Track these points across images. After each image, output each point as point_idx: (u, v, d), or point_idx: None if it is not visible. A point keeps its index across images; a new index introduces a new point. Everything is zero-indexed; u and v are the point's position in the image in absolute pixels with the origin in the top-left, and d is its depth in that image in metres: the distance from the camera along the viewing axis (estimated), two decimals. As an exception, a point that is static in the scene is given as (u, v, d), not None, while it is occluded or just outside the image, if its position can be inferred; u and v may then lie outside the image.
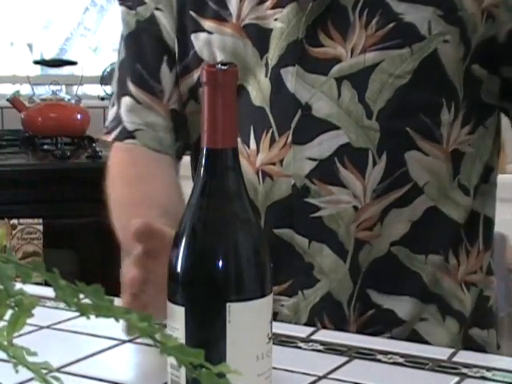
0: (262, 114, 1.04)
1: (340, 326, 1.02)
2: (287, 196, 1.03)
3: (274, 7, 1.05)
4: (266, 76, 1.05)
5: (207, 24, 1.10)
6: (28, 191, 2.71)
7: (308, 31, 1.03)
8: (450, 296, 1.07)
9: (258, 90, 1.05)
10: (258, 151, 1.05)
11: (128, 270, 0.77)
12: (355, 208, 1.01)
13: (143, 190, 1.05)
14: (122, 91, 1.16)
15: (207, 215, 0.69)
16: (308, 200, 1.02)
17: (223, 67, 0.68)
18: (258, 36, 1.06)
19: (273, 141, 1.04)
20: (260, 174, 1.04)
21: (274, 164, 1.04)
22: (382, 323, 1.02)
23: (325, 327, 1.02)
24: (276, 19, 1.04)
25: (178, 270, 0.68)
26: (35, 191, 2.72)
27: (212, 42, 1.09)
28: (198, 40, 1.11)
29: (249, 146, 1.05)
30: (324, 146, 1.01)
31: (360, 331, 1.01)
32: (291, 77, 1.03)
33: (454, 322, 1.06)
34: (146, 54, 1.15)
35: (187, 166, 1.20)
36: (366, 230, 1.01)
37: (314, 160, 1.02)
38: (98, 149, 2.78)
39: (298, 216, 1.02)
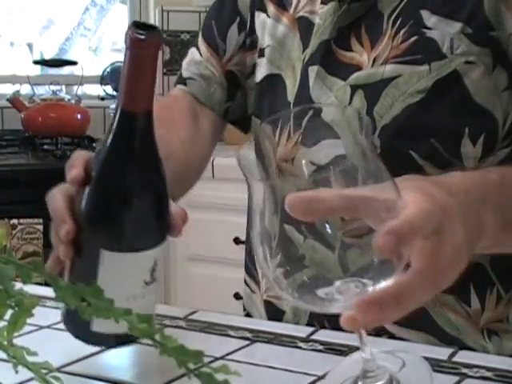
0: (285, 109, 1.04)
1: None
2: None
3: (322, 2, 1.04)
4: (299, 70, 1.04)
5: (270, 8, 1.11)
6: (28, 191, 2.71)
7: (340, 33, 1.00)
8: (471, 341, 0.97)
9: (292, 86, 1.05)
10: (278, 144, 1.05)
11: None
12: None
13: None
14: (195, 41, 1.21)
15: (107, 167, 0.76)
16: None
17: (144, 37, 0.72)
18: (305, 30, 1.05)
19: (289, 137, 1.04)
20: (278, 169, 1.05)
21: (287, 161, 1.04)
22: None
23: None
24: (318, 14, 1.03)
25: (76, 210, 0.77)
26: (35, 191, 2.72)
27: (266, 26, 1.10)
28: (258, 19, 1.12)
29: (275, 138, 1.06)
30: (323, 152, 1.01)
31: None
32: (313, 76, 1.01)
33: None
34: (222, 11, 1.18)
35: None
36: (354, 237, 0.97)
37: (314, 165, 1.01)
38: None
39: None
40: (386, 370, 0.69)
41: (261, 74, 1.11)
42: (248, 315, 1.15)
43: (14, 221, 2.66)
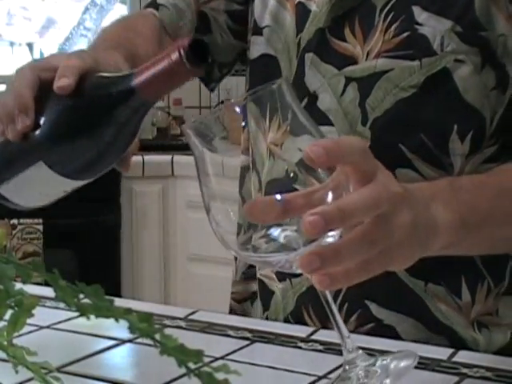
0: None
1: (324, 320, 1.00)
2: (281, 177, 1.02)
3: None
4: (296, 57, 1.04)
5: None
6: (28, 191, 2.71)
7: (334, 22, 1.01)
8: (462, 332, 0.98)
9: (288, 70, 1.05)
10: (269, 129, 1.06)
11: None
12: None
13: (125, 35, 1.09)
14: None
15: (82, 99, 0.82)
16: (295, 186, 1.01)
17: (187, 64, 0.76)
18: (301, 16, 1.05)
19: (279, 125, 1.04)
20: (268, 151, 1.05)
21: (276, 145, 1.04)
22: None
23: (310, 317, 1.01)
24: (315, 2, 1.03)
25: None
26: (35, 191, 2.72)
27: (268, 4, 1.09)
28: None
29: (264, 121, 1.06)
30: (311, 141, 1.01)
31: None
32: (308, 63, 1.02)
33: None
34: None
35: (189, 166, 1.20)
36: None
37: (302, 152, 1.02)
38: (97, 149, 2.78)
39: None
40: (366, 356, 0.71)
41: (256, 52, 1.11)
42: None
43: (14, 221, 2.66)
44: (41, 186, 0.86)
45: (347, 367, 0.71)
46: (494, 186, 0.86)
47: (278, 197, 0.71)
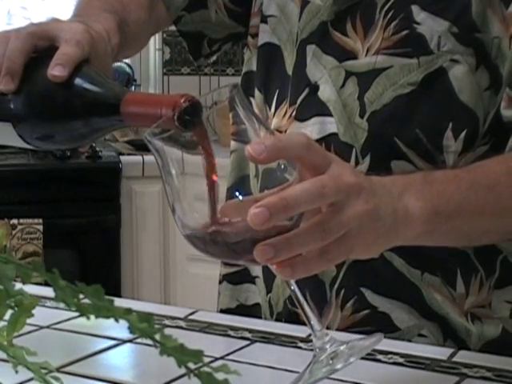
0: (286, 83, 1.06)
1: (320, 306, 1.01)
2: (275, 167, 1.02)
3: None
4: (295, 47, 1.06)
5: None
6: (28, 191, 2.71)
7: (337, 16, 1.02)
8: (455, 321, 1.00)
9: (291, 60, 1.06)
10: (274, 115, 1.07)
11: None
12: None
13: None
14: None
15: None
16: (286, 176, 1.01)
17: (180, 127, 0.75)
18: (303, 7, 1.06)
19: (286, 110, 1.06)
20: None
21: (280, 132, 1.05)
22: (375, 325, 1.00)
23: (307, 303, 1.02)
24: None
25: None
26: (35, 191, 2.72)
27: None
28: None
29: (270, 108, 1.08)
30: (315, 128, 1.02)
31: (352, 329, 1.00)
32: (311, 55, 1.03)
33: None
34: None
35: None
36: None
37: None
38: (97, 149, 2.78)
39: None
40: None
41: (261, 39, 1.12)
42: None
43: (14, 221, 2.66)
44: (1, 135, 0.91)
45: (317, 351, 0.73)
46: (468, 179, 0.87)
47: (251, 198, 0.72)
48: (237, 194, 0.73)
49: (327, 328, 0.98)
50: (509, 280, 1.01)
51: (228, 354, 0.87)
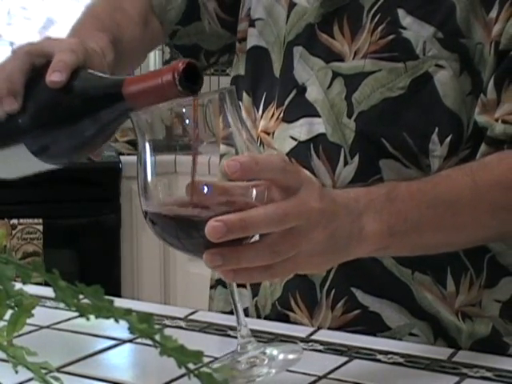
0: (273, 85, 1.07)
1: (311, 306, 1.01)
2: None
3: None
4: (282, 49, 1.06)
5: None
6: (28, 191, 2.71)
7: (324, 18, 1.03)
8: (446, 320, 1.00)
9: (279, 62, 1.07)
10: (261, 117, 1.07)
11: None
12: None
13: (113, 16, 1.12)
14: None
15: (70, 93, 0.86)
16: None
17: (181, 89, 0.78)
18: (289, 10, 1.07)
19: (273, 112, 1.06)
20: (259, 139, 1.07)
21: (268, 134, 1.06)
22: (365, 325, 1.00)
23: (296, 304, 1.02)
24: None
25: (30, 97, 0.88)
26: (35, 191, 2.72)
27: None
28: None
29: (258, 110, 1.08)
30: (303, 129, 1.02)
31: (342, 328, 0.99)
32: (298, 56, 1.04)
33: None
34: None
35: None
36: None
37: (295, 140, 1.03)
38: (97, 149, 2.78)
39: None
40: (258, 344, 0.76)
41: (250, 43, 1.12)
42: None
43: (14, 221, 2.66)
44: (16, 163, 0.92)
45: (239, 349, 0.75)
46: (430, 195, 0.88)
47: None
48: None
49: (318, 328, 0.98)
50: (498, 279, 1.02)
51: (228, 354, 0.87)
